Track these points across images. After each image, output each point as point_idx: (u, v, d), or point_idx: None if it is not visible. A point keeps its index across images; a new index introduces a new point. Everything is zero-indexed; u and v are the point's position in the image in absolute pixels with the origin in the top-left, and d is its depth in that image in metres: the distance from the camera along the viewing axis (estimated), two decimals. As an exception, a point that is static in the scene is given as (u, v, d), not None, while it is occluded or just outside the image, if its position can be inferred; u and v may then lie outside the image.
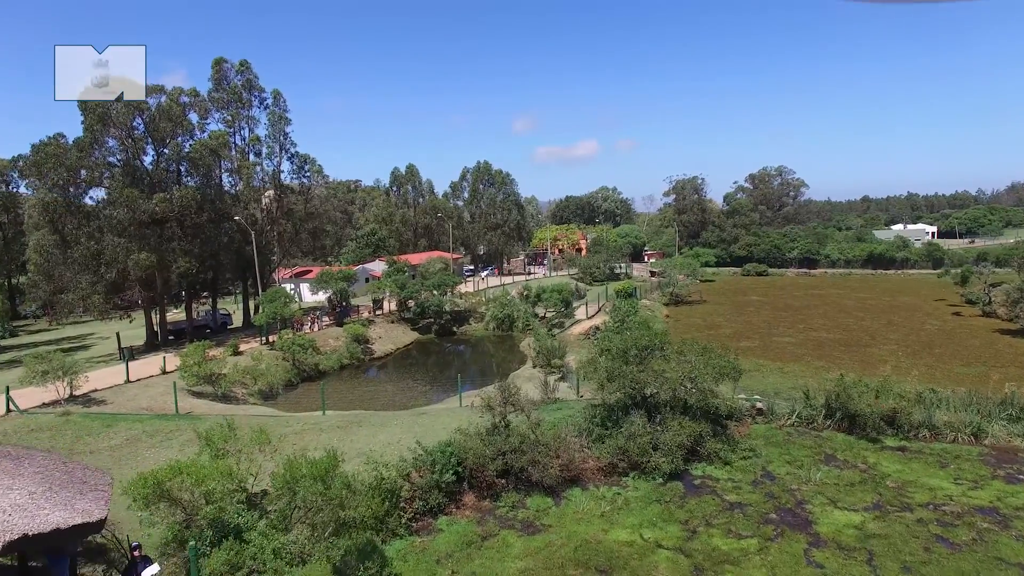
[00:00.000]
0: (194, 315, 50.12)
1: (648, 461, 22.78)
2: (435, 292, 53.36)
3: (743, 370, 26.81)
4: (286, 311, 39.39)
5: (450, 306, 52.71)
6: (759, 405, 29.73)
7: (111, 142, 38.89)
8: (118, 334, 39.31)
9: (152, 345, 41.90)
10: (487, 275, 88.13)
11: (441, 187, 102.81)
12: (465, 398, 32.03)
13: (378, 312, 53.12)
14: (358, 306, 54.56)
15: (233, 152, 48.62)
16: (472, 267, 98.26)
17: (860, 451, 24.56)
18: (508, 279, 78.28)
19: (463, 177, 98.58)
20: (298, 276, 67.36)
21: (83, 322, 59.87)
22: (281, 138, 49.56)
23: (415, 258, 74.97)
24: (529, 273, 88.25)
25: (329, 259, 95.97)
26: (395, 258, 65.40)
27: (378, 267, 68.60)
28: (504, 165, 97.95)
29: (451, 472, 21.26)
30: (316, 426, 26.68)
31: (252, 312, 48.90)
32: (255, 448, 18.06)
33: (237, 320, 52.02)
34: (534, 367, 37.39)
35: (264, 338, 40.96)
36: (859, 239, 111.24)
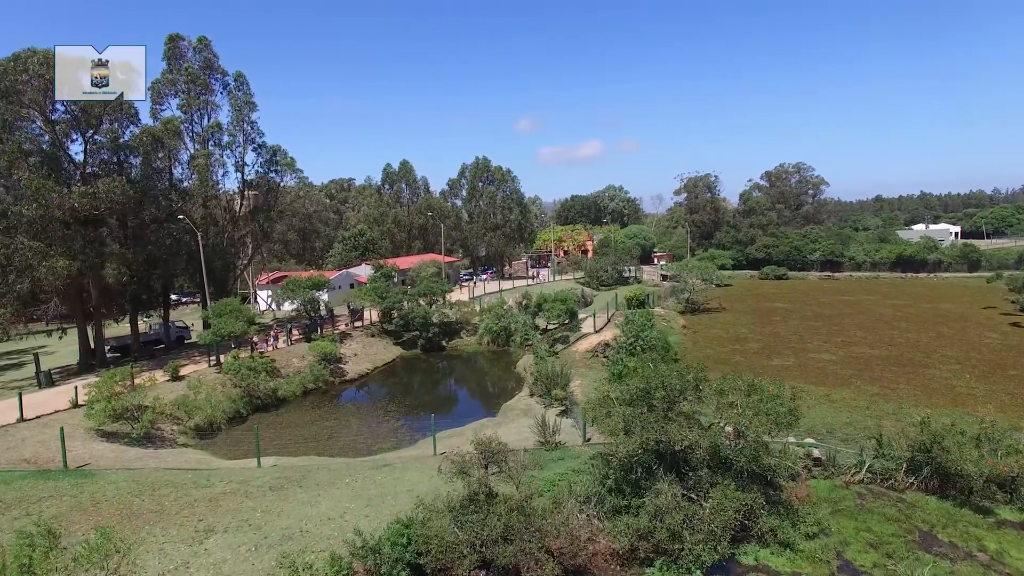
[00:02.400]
0: (147, 328, 44.11)
1: (681, 548, 16.51)
2: (421, 301, 47.11)
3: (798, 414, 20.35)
4: (237, 327, 33.21)
5: (438, 317, 46.43)
6: (816, 453, 23.35)
7: (34, 126, 32.94)
8: (36, 355, 33.35)
9: (87, 366, 35.89)
10: (486, 279, 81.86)
11: (441, 187, 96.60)
12: (443, 441, 25.75)
13: (357, 324, 46.88)
14: (335, 316, 48.35)
15: (190, 142, 42.60)
16: (471, 270, 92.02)
17: (968, 527, 18.11)
18: (508, 284, 71.96)
19: (461, 174, 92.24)
20: (276, 282, 61.23)
21: (39, 332, 53.73)
22: (245, 126, 43.43)
23: (404, 261, 68.71)
24: (532, 277, 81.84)
25: (321, 263, 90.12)
26: (382, 262, 59.26)
27: (365, 272, 62.44)
28: (507, 165, 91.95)
29: (406, 574, 15.05)
30: (243, 486, 20.47)
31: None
32: (93, 567, 11.81)
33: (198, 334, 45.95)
34: (531, 395, 31.08)
35: (216, 358, 34.87)
36: (882, 239, 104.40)
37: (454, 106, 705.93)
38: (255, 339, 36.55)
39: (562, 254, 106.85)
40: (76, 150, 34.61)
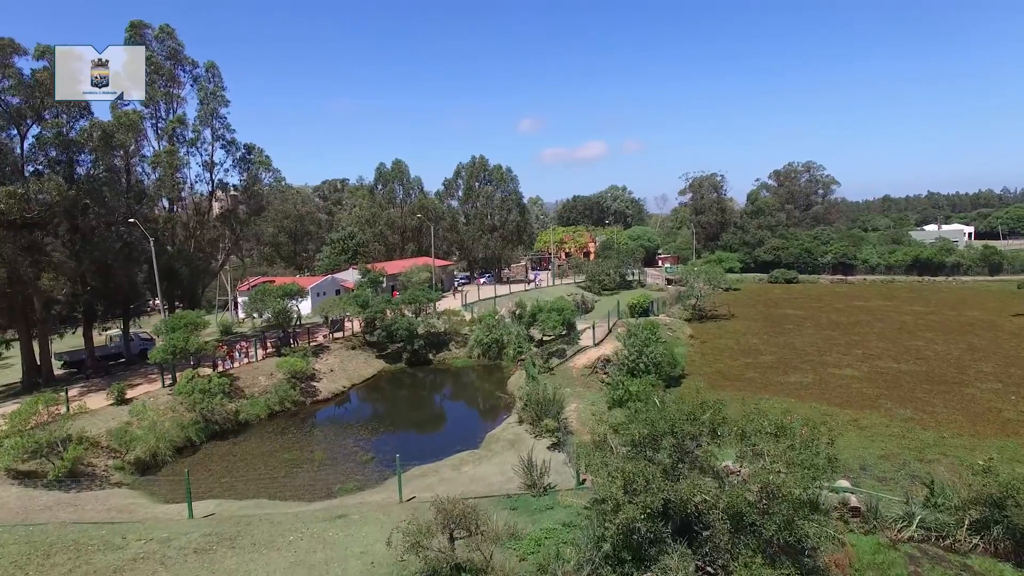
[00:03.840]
0: (107, 341, 40.67)
1: (697, 647, 12.87)
2: (406, 311, 43.52)
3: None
4: (192, 343, 29.67)
5: (425, 328, 42.79)
6: (853, 501, 19.64)
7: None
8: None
9: (32, 384, 32.46)
10: (483, 283, 78.27)
11: (439, 188, 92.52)
12: (414, 481, 22.16)
13: (337, 335, 43.31)
14: (330, 322, 44.71)
15: (155, 138, 39.20)
16: (467, 274, 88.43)
17: (1058, 613, 14.42)
18: (505, 289, 68.31)
19: (457, 174, 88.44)
20: (259, 288, 57.77)
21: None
22: (213, 122, 39.86)
23: (394, 266, 65.08)
24: (528, 281, 78.15)
25: (313, 267, 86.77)
26: (368, 266, 55.73)
27: (352, 277, 58.94)
28: (510, 166, 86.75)
29: None
30: (163, 547, 16.89)
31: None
32: None
33: (165, 346, 42.40)
34: (520, 422, 27.41)
35: (172, 377, 31.36)
36: (895, 241, 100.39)
37: (455, 107, 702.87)
38: (217, 355, 32.90)
39: (563, 256, 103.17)
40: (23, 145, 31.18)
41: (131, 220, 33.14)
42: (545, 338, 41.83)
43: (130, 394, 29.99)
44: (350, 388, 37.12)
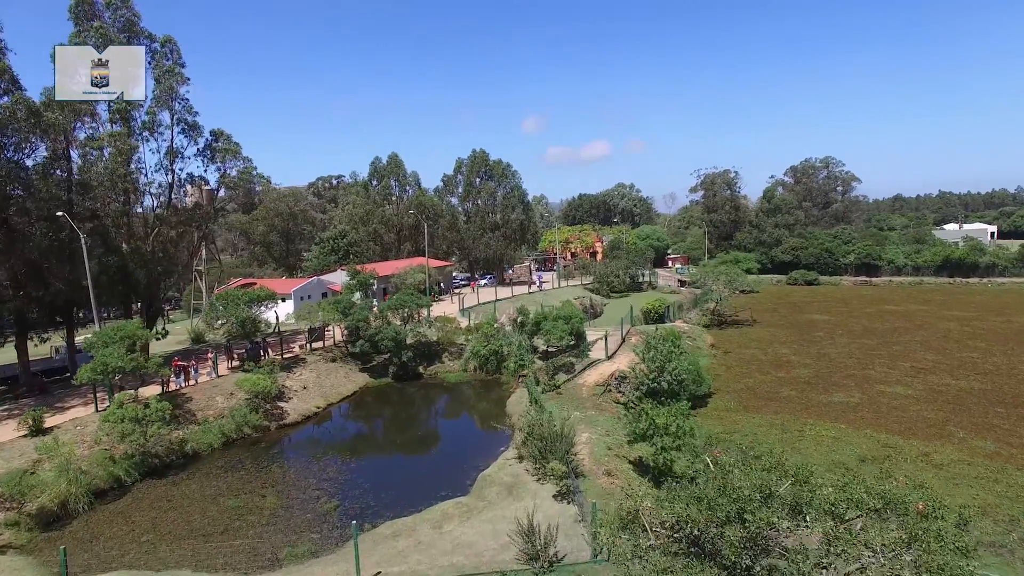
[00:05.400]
0: (53, 353, 35.92)
1: None
2: (393, 318, 38.57)
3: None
4: (128, 360, 24.76)
5: (414, 337, 37.83)
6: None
7: None
8: None
9: (-51, 406, 27.67)
10: (484, 284, 73.30)
11: (438, 184, 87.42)
12: (383, 544, 17.17)
13: (317, 345, 38.39)
14: (291, 335, 39.95)
15: (108, 121, 34.40)
16: (468, 275, 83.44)
17: None
18: (506, 291, 63.28)
19: (457, 169, 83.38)
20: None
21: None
22: (171, 102, 34.99)
23: (387, 267, 60.19)
24: (531, 283, 73.10)
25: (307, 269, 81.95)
26: (359, 267, 50.85)
27: (341, 279, 54.04)
28: (514, 166, 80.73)
29: None
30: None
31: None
32: None
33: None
34: (520, 459, 22.40)
35: (109, 399, 26.47)
36: (917, 240, 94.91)
37: (459, 106, 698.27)
38: (162, 373, 27.90)
39: (569, 257, 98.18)
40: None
41: (59, 214, 28.28)
42: (550, 349, 36.79)
43: (57, 420, 25.26)
44: (325, 408, 32.16)
